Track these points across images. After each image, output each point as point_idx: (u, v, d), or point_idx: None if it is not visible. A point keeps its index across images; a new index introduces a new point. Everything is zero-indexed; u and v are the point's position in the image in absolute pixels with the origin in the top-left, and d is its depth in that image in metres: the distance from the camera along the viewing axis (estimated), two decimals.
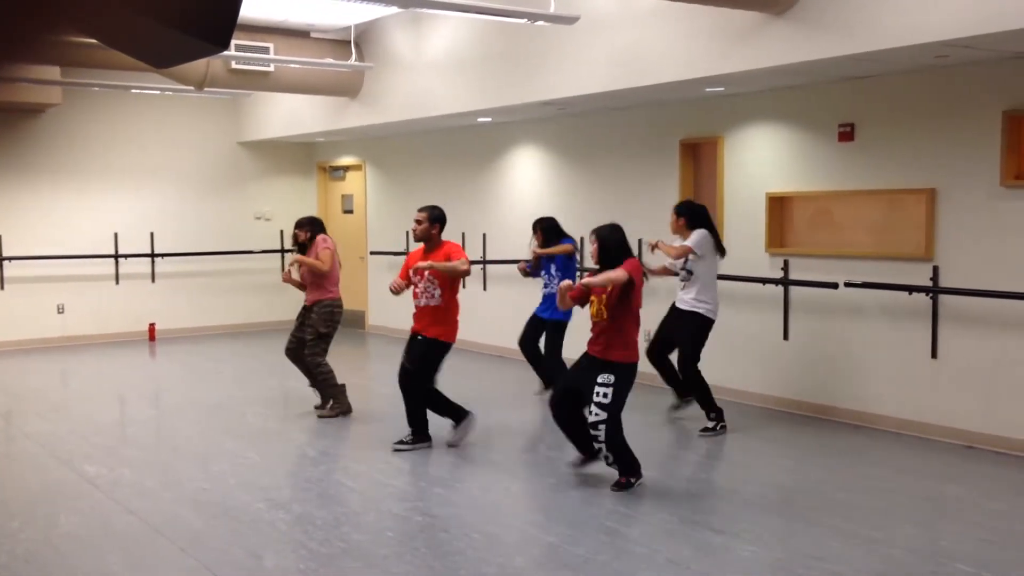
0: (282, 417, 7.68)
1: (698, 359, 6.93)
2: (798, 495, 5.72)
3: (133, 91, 11.21)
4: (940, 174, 6.63)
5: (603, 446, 5.49)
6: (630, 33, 7.24)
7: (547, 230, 7.87)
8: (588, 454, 5.80)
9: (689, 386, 7.00)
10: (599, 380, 5.45)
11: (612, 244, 5.60)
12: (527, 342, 8.09)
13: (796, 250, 7.63)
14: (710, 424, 6.91)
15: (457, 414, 6.68)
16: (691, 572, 4.43)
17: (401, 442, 6.59)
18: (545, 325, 7.91)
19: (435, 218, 6.63)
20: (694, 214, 6.92)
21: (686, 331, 6.93)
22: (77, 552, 4.77)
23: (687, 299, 6.89)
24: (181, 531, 5.03)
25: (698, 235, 6.80)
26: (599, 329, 5.56)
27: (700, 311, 6.86)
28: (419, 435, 6.63)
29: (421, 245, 6.71)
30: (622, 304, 5.47)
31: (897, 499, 5.52)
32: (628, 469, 5.60)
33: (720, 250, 6.95)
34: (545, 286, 7.91)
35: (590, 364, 5.57)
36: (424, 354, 6.49)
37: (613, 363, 5.48)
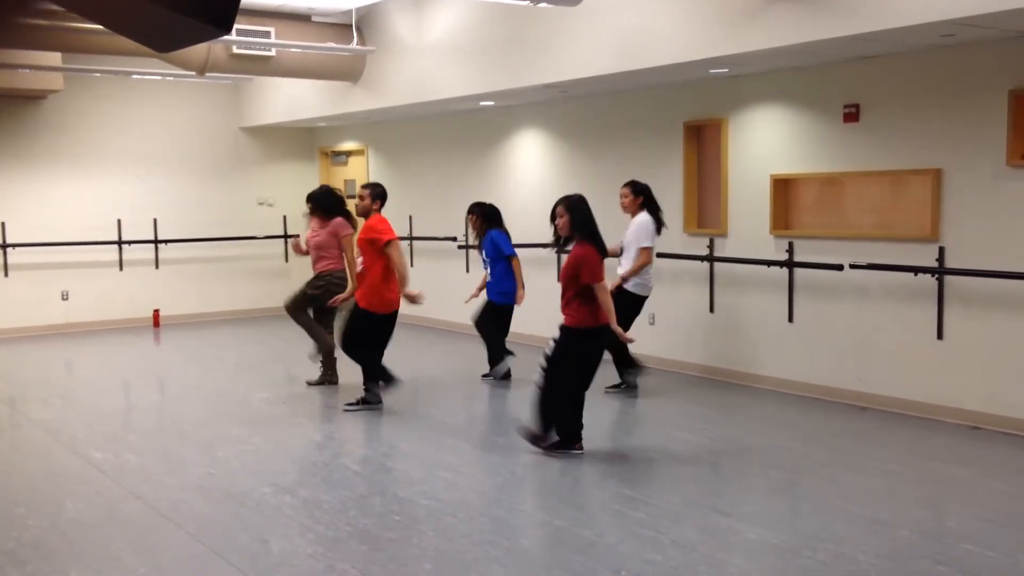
0: (287, 402, 7.69)
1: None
2: (804, 477, 5.72)
3: (134, 77, 11.19)
4: (946, 154, 6.60)
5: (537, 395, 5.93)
6: (633, 15, 7.19)
7: (487, 216, 8.09)
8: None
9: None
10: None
11: (579, 216, 5.94)
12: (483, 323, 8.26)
13: (801, 232, 7.61)
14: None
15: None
16: (697, 554, 4.43)
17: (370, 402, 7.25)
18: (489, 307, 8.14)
19: (377, 195, 7.23)
20: (649, 195, 7.37)
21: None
22: (84, 538, 4.78)
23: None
24: (188, 516, 5.04)
25: (649, 227, 7.24)
26: (565, 303, 5.98)
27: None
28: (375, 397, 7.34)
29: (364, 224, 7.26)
30: (573, 283, 5.86)
31: (903, 480, 5.52)
32: (540, 432, 5.96)
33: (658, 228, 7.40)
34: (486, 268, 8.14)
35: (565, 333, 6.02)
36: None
37: (561, 327, 5.93)
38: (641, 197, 7.36)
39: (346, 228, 7.91)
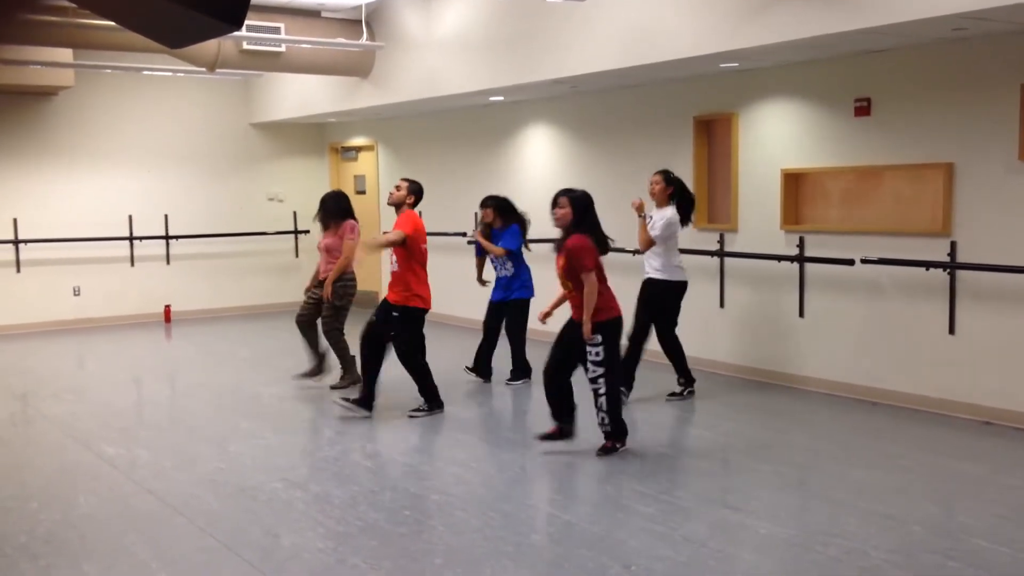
0: (297, 397, 7.71)
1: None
2: (814, 472, 5.71)
3: (145, 73, 11.21)
4: (957, 148, 6.57)
5: (601, 407, 5.78)
6: (642, 9, 7.18)
7: (499, 208, 7.91)
8: (563, 423, 6.01)
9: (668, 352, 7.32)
10: (589, 342, 5.75)
11: (581, 208, 5.85)
12: (491, 329, 8.04)
13: (812, 227, 7.58)
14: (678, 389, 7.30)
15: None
16: (707, 550, 4.43)
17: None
18: (505, 308, 7.89)
19: (413, 190, 7.08)
20: (681, 187, 7.17)
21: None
22: (96, 532, 4.81)
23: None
24: (199, 511, 5.06)
25: (671, 220, 7.04)
26: (572, 298, 5.87)
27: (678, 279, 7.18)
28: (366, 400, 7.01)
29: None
30: (574, 276, 5.78)
31: (914, 476, 5.50)
32: (616, 433, 5.85)
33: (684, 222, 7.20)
34: (496, 270, 7.92)
35: (574, 327, 5.85)
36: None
37: (594, 323, 5.73)
38: (672, 188, 7.08)
39: (352, 232, 7.72)
